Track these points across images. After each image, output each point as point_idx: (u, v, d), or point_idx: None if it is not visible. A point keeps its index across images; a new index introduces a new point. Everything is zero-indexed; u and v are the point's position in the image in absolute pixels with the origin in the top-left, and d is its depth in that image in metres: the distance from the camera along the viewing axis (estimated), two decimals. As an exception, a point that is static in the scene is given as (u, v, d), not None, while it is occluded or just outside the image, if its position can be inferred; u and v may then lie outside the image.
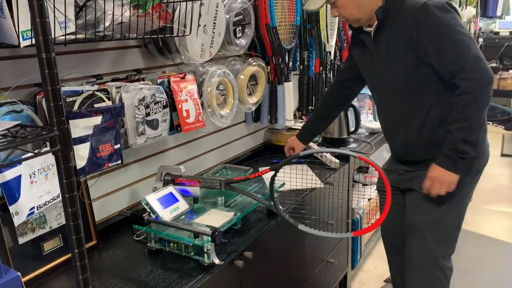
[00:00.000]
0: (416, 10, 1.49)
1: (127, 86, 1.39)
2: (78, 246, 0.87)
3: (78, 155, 1.23)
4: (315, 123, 2.07)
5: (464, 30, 1.47)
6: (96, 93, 1.28)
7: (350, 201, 2.48)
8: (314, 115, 2.13)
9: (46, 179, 1.16)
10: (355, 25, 1.65)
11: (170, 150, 1.89)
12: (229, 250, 1.46)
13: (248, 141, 2.45)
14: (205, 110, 1.72)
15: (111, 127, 1.32)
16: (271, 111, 2.28)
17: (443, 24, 1.47)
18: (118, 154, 1.36)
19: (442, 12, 1.47)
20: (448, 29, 1.47)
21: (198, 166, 2.04)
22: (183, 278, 1.33)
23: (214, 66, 1.79)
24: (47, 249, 1.39)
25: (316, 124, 2.07)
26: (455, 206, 1.67)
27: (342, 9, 1.59)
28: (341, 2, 1.57)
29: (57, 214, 1.41)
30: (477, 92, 1.45)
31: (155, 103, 1.45)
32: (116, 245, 1.55)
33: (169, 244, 1.43)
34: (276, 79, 2.23)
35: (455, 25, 1.47)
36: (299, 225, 1.39)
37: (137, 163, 1.75)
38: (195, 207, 1.58)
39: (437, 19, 1.47)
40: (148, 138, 1.47)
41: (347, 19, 1.64)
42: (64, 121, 0.81)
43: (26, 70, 1.29)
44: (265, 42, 2.14)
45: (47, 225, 1.39)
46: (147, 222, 1.41)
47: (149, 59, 1.71)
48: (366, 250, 2.85)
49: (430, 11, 1.47)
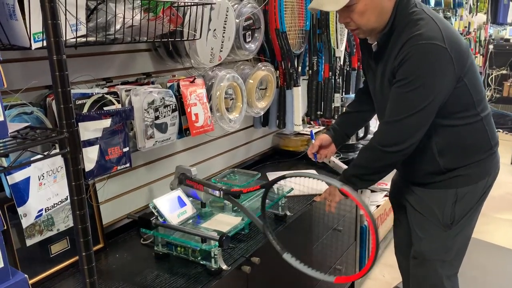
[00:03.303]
0: (407, 40, 1.37)
1: (137, 89, 1.40)
2: (85, 249, 0.86)
3: (87, 158, 1.23)
4: (349, 120, 1.85)
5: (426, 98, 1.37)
6: (105, 96, 1.28)
7: (358, 208, 2.45)
8: (348, 112, 1.89)
9: (55, 181, 1.16)
10: (363, 35, 1.51)
11: (179, 154, 1.89)
12: (236, 256, 1.45)
13: (256, 146, 2.44)
14: (214, 114, 1.72)
15: (120, 130, 1.32)
16: (279, 115, 2.27)
17: (416, 74, 1.36)
18: (127, 157, 1.36)
19: (425, 59, 1.36)
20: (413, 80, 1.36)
21: (206, 170, 2.03)
22: (190, 283, 1.32)
23: (224, 70, 1.79)
24: (54, 252, 1.39)
25: (351, 122, 1.85)
26: (463, 230, 1.60)
27: (359, 14, 1.40)
28: (361, 6, 1.38)
29: (65, 217, 1.41)
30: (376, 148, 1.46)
31: (164, 106, 1.45)
32: (123, 248, 1.55)
33: (176, 249, 1.42)
34: (285, 84, 2.22)
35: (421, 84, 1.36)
36: (284, 254, 1.28)
37: (146, 166, 1.75)
38: (203, 211, 1.57)
39: (416, 64, 1.36)
40: (157, 141, 1.46)
41: (358, 28, 1.45)
42: (74, 124, 0.81)
43: (37, 72, 1.29)
44: (274, 47, 2.13)
45: (54, 227, 1.39)
46: (155, 225, 1.41)
47: (159, 62, 1.71)
48: (373, 257, 2.81)
49: (416, 50, 1.35)
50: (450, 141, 1.51)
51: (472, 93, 1.47)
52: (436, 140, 1.51)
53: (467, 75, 1.44)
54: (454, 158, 1.54)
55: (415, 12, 1.41)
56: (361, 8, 1.39)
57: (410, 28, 1.38)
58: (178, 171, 1.62)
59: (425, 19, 1.39)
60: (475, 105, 1.49)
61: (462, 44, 1.44)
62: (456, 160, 1.54)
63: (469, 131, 1.52)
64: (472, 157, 1.54)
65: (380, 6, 1.40)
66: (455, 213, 1.56)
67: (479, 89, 1.51)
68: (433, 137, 1.51)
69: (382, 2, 1.40)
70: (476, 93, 1.49)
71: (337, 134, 1.83)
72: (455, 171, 1.54)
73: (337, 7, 1.39)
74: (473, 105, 1.49)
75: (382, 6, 1.40)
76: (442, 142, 1.51)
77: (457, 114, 1.49)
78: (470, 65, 1.46)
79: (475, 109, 1.50)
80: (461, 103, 1.47)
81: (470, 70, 1.45)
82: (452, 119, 1.48)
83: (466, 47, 1.46)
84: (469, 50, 1.47)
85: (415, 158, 1.54)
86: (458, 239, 1.61)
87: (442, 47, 1.34)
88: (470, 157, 1.54)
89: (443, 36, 1.35)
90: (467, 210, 1.57)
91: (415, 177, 1.64)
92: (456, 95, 1.44)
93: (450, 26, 1.46)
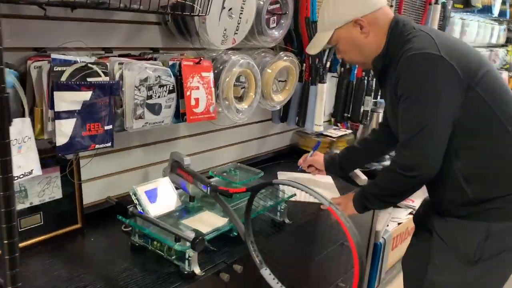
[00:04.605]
0: (400, 57, 1.31)
1: (131, 64, 1.27)
2: (8, 237, 0.74)
3: (60, 131, 1.12)
4: (352, 157, 1.78)
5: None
6: (90, 65, 1.16)
7: (374, 222, 2.25)
8: (355, 147, 1.82)
9: (19, 152, 1.06)
10: (363, 67, 1.57)
11: (181, 139, 1.76)
12: (217, 260, 1.31)
13: (272, 141, 2.27)
14: (221, 102, 1.57)
15: (104, 106, 1.20)
16: (300, 112, 2.09)
17: (413, 86, 1.28)
18: (109, 136, 1.24)
19: (417, 69, 1.27)
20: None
21: (209, 161, 1.89)
22: (157, 283, 1.19)
23: (239, 55, 1.63)
24: (24, 226, 1.30)
25: (353, 159, 1.79)
26: (492, 272, 1.37)
27: (344, 53, 1.46)
28: (342, 45, 1.43)
29: (41, 191, 1.32)
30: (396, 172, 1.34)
31: (159, 86, 1.32)
32: (101, 233, 1.44)
33: (153, 243, 1.29)
34: (310, 79, 2.04)
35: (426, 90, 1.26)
36: (263, 269, 1.15)
37: (142, 148, 1.63)
38: (190, 205, 1.44)
39: (410, 77, 1.29)
40: (147, 123, 1.34)
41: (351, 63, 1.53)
42: (4, 89, 0.69)
43: (25, 31, 1.20)
44: (302, 37, 1.95)
45: (27, 200, 1.30)
46: (131, 214, 1.29)
47: (169, 38, 1.58)
48: (386, 278, 2.60)
49: (408, 62, 1.28)
50: (477, 166, 1.31)
51: (492, 105, 1.27)
52: (460, 164, 1.31)
53: (480, 84, 1.26)
54: (485, 187, 1.33)
55: (411, 32, 1.34)
56: (341, 48, 1.44)
57: (403, 47, 1.32)
58: (172, 157, 1.50)
59: (419, 35, 1.31)
60: (502, 120, 1.29)
61: (469, 53, 1.33)
62: (489, 189, 1.33)
63: (500, 153, 1.30)
64: (509, 186, 1.32)
65: (359, 44, 1.40)
66: (483, 250, 1.34)
67: (506, 101, 1.31)
68: (456, 162, 1.31)
69: (358, 41, 1.39)
70: (501, 105, 1.29)
71: (333, 165, 1.81)
72: (489, 202, 1.33)
73: (315, 51, 1.49)
74: (498, 120, 1.28)
75: (363, 43, 1.39)
76: (467, 167, 1.30)
77: (480, 132, 1.29)
78: (485, 75, 1.28)
79: (504, 125, 1.29)
80: (480, 118, 1.29)
81: (485, 80, 1.28)
82: (475, 138, 1.29)
83: (478, 57, 1.34)
84: (485, 61, 1.35)
85: (439, 186, 1.37)
86: (485, 281, 1.38)
87: (436, 55, 1.24)
88: (507, 185, 1.32)
89: (437, 46, 1.26)
90: (501, 250, 1.35)
91: (443, 206, 1.45)
92: (471, 107, 1.27)
93: (453, 39, 1.41)
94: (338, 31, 1.40)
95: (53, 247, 1.33)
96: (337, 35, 1.41)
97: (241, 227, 1.17)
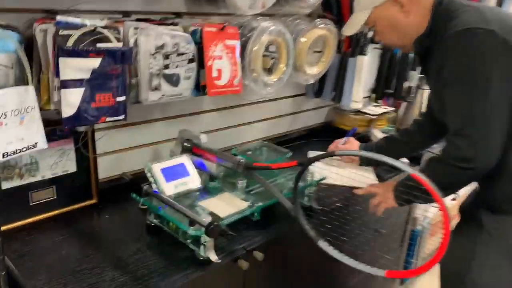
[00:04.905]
0: (448, 36, 1.16)
1: (147, 29, 1.15)
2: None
3: (66, 101, 1.02)
4: (390, 148, 1.61)
5: None
6: (100, 30, 1.05)
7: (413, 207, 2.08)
8: (394, 138, 1.67)
9: (21, 123, 0.97)
10: (404, 51, 1.43)
11: (204, 114, 1.65)
12: (236, 246, 1.20)
13: (305, 118, 2.12)
14: (247, 74, 1.43)
15: (117, 75, 1.10)
16: (336, 87, 1.92)
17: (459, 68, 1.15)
18: (122, 108, 1.14)
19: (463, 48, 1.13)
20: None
21: (235, 138, 1.77)
22: (169, 268, 1.10)
23: (269, 21, 1.48)
24: (35, 200, 1.24)
25: (390, 150, 1.59)
26: None
27: (382, 35, 1.34)
28: (380, 26, 1.31)
29: (53, 164, 1.25)
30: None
31: (178, 54, 1.20)
32: (117, 210, 1.37)
33: (168, 224, 1.20)
34: (349, 51, 1.86)
35: None
36: (319, 241, 1.08)
37: (163, 122, 1.54)
38: (210, 186, 1.33)
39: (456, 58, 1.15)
40: (164, 95, 1.22)
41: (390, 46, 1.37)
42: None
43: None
44: (343, 3, 1.77)
45: (39, 173, 1.23)
46: (145, 193, 1.19)
47: (193, 2, 1.45)
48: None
49: (452, 42, 1.15)
50: None
51: None
52: None
53: None
54: None
55: (458, 8, 1.20)
56: (379, 29, 1.34)
57: (448, 24, 1.18)
58: (182, 136, 1.38)
59: (467, 10, 1.17)
60: None
61: None
62: None
63: None
64: None
65: (399, 24, 1.28)
66: None
67: None
68: (509, 150, 1.16)
69: (398, 21, 1.27)
70: None
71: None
72: None
73: (351, 32, 1.39)
74: None
75: (403, 24, 1.28)
76: None
77: None
78: None
79: None
80: None
81: None
82: None
83: None
84: None
85: (492, 178, 1.22)
86: None
87: (485, 29, 1.10)
88: None
89: (487, 19, 1.12)
90: None
91: (495, 201, 1.29)
92: None
93: (510, 13, 1.29)
94: (376, 10, 1.28)
95: (66, 223, 1.27)
96: (374, 14, 1.29)
97: (287, 202, 1.13)
